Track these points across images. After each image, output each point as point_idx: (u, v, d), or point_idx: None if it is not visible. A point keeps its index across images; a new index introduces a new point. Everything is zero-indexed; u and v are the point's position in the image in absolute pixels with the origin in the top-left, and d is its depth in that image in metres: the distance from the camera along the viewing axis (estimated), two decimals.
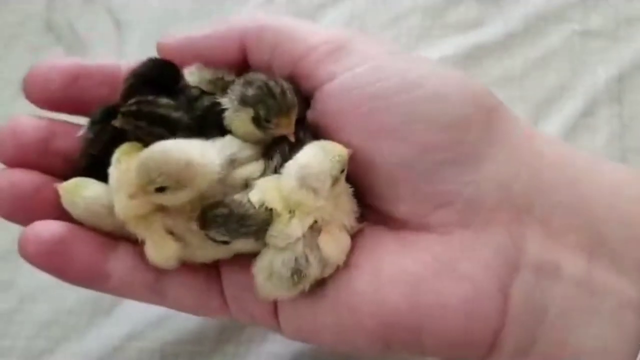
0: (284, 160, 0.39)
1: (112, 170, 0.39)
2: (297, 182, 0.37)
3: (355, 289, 0.38)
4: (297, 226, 0.37)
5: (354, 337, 0.38)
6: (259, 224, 0.38)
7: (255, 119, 0.39)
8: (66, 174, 0.41)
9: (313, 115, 0.41)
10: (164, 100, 0.40)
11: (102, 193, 0.40)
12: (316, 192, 0.37)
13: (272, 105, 0.39)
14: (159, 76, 0.41)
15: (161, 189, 0.36)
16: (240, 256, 0.40)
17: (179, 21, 0.67)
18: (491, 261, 0.36)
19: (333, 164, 0.37)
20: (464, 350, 0.36)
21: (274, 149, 0.40)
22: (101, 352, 0.51)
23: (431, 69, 0.39)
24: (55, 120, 0.43)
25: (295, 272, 0.37)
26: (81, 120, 0.43)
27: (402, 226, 0.39)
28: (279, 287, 0.38)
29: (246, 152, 0.40)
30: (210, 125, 0.41)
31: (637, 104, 0.62)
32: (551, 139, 0.40)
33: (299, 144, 0.39)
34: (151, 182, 0.36)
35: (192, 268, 0.41)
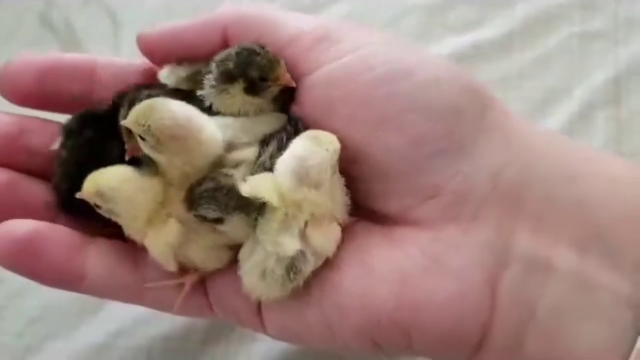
0: (280, 148, 0.38)
1: None
2: (297, 179, 0.36)
3: (341, 286, 0.37)
4: (293, 240, 0.36)
5: (341, 336, 0.37)
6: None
7: (249, 86, 0.38)
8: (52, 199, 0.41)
9: (297, 106, 0.40)
10: None
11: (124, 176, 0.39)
12: (318, 186, 0.36)
13: (260, 62, 0.38)
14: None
15: (142, 139, 0.36)
16: None
17: (175, 19, 0.67)
18: (479, 256, 0.35)
19: (330, 153, 0.36)
20: (453, 347, 0.36)
21: (271, 137, 0.39)
22: (88, 349, 0.51)
23: (422, 57, 0.39)
24: (26, 116, 0.43)
25: (290, 269, 0.36)
26: (55, 116, 0.43)
27: (390, 222, 0.38)
28: (272, 287, 0.37)
29: (244, 138, 0.39)
30: None
31: (634, 107, 0.62)
32: (546, 131, 0.40)
33: (297, 132, 0.38)
34: (137, 124, 0.36)
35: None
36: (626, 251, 0.34)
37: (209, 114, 0.39)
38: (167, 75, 0.41)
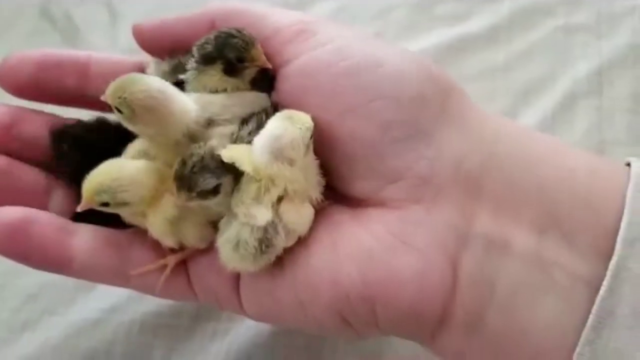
0: (259, 126, 0.39)
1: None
2: (271, 154, 0.38)
3: (312, 263, 0.38)
4: (265, 211, 0.38)
5: (312, 313, 0.38)
6: None
7: (228, 67, 0.40)
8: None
9: (277, 95, 0.42)
10: None
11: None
12: (292, 162, 0.38)
13: (236, 43, 0.40)
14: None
15: (119, 111, 0.38)
16: None
17: (170, 13, 0.69)
18: (442, 235, 0.37)
19: (303, 131, 0.38)
20: (416, 323, 0.37)
21: (251, 116, 0.41)
22: (83, 324, 0.53)
23: (391, 50, 0.41)
24: (18, 106, 0.45)
25: (262, 241, 0.38)
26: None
27: (358, 204, 0.40)
28: (245, 258, 0.38)
29: (225, 115, 0.41)
30: None
31: (616, 97, 0.63)
32: (507, 121, 0.41)
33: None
34: (114, 97, 0.38)
35: (156, 250, 0.42)
36: (582, 234, 0.36)
37: None
38: (153, 70, 0.44)
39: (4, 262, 0.53)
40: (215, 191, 0.38)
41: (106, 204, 0.39)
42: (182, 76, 0.42)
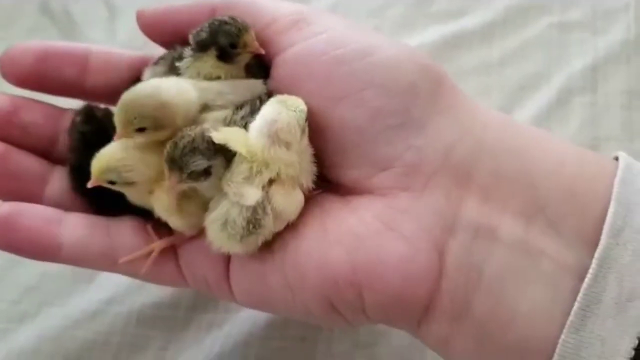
0: (252, 112, 0.40)
1: None
2: (268, 138, 0.38)
3: (301, 248, 0.39)
4: (255, 190, 0.38)
5: (301, 298, 0.39)
6: None
7: (221, 53, 0.42)
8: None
9: (272, 82, 0.43)
10: None
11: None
12: (288, 145, 0.38)
13: (229, 29, 0.41)
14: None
15: (141, 129, 0.39)
16: None
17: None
18: (429, 222, 0.37)
19: (298, 114, 0.39)
20: (402, 309, 0.37)
21: (246, 102, 0.41)
22: (81, 315, 0.53)
23: (384, 40, 0.41)
24: (20, 96, 0.47)
25: (251, 221, 0.38)
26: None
27: (348, 192, 0.40)
28: (232, 238, 0.38)
29: (220, 101, 0.41)
30: None
31: (610, 94, 0.64)
32: (497, 113, 0.42)
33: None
34: (129, 123, 0.39)
35: (144, 235, 0.43)
36: (569, 222, 0.36)
37: None
38: (149, 76, 0.44)
39: (2, 254, 0.54)
40: (206, 173, 0.38)
41: (113, 182, 0.40)
42: (178, 63, 0.43)
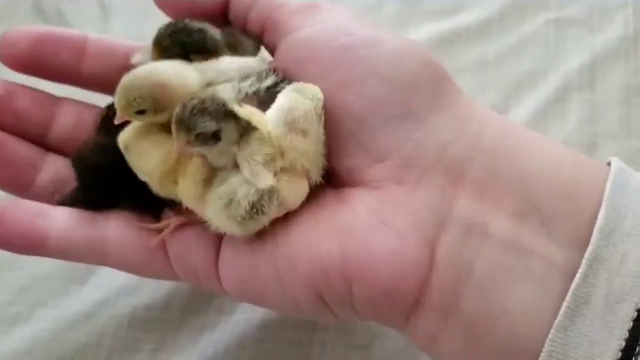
0: (259, 80, 0.41)
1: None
2: (286, 126, 0.38)
3: (293, 238, 0.39)
4: (270, 175, 0.38)
5: (291, 289, 0.39)
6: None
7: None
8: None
9: (277, 62, 0.43)
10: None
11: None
12: (305, 134, 0.39)
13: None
14: None
15: (141, 112, 0.39)
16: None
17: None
18: (421, 217, 0.37)
19: (314, 102, 0.39)
20: (391, 303, 0.37)
21: (251, 74, 0.42)
22: (74, 317, 0.53)
23: (392, 35, 0.42)
24: (13, 82, 0.47)
25: (255, 206, 0.38)
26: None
27: (341, 183, 0.41)
28: (232, 219, 0.38)
29: (221, 78, 0.41)
30: None
31: (608, 91, 0.63)
32: (494, 113, 0.42)
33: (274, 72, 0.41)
34: (129, 105, 0.39)
35: (134, 226, 0.43)
36: (561, 223, 0.36)
37: None
38: (139, 60, 0.44)
39: None
40: (215, 137, 0.38)
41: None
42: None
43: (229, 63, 0.42)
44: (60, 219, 0.43)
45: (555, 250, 0.36)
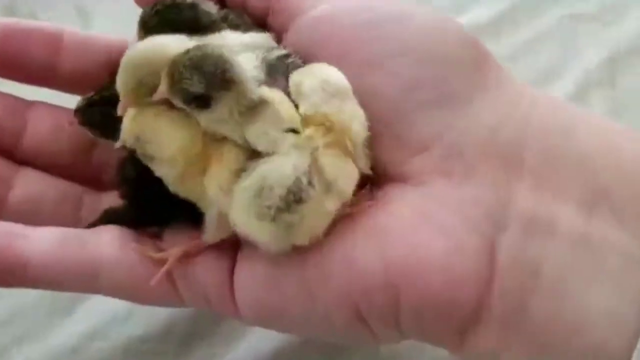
0: (268, 52, 0.36)
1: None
2: (324, 93, 0.34)
3: (324, 246, 0.34)
4: (293, 139, 0.33)
5: (324, 304, 0.34)
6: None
7: None
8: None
9: (291, 41, 0.39)
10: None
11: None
12: (344, 98, 0.34)
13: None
14: None
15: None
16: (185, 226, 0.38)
17: None
18: (474, 214, 0.33)
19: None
20: (445, 316, 0.33)
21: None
22: (60, 352, 0.48)
23: (417, 7, 0.38)
24: None
25: (292, 191, 0.32)
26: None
27: (376, 180, 0.36)
28: (265, 215, 0.32)
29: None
30: None
31: (630, 88, 0.61)
32: (543, 93, 0.38)
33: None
34: (140, 84, 0.34)
35: (128, 246, 0.38)
36: (633, 210, 0.33)
37: None
38: None
39: None
40: (204, 102, 0.33)
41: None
42: None
43: (234, 38, 0.38)
44: (42, 240, 0.37)
45: (629, 241, 0.32)
